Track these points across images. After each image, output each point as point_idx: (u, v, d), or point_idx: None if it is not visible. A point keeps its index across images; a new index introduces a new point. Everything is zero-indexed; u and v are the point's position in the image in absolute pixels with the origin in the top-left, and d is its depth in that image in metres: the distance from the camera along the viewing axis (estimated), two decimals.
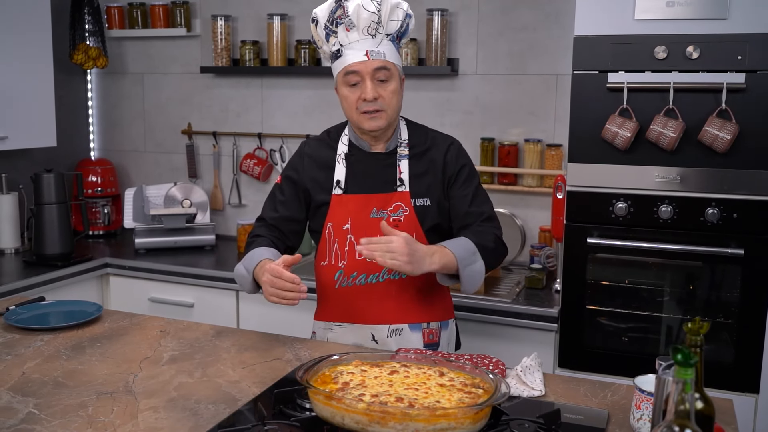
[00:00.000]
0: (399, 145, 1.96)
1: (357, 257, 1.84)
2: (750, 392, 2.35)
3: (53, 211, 3.12)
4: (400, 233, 1.72)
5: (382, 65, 1.84)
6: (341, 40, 1.87)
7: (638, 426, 1.38)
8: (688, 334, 1.10)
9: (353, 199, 1.92)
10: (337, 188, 1.94)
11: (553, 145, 2.99)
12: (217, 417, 1.44)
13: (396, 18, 1.87)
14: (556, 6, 2.98)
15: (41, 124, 3.22)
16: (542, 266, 2.82)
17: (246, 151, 3.58)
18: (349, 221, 1.91)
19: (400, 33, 1.90)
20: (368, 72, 1.84)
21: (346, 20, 1.84)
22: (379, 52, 1.84)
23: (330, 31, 1.88)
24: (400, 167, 1.93)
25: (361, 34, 1.84)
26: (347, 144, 1.98)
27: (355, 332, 1.94)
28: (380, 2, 1.84)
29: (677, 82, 2.29)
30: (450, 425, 1.25)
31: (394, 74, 1.87)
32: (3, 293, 2.67)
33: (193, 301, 3.05)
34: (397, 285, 1.91)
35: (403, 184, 1.92)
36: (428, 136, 2.00)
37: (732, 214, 2.31)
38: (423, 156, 1.95)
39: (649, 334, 2.47)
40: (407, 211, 1.90)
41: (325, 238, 1.95)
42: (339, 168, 1.95)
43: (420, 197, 1.92)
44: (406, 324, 1.92)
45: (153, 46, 3.74)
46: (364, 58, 1.83)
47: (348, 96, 1.88)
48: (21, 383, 1.60)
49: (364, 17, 1.83)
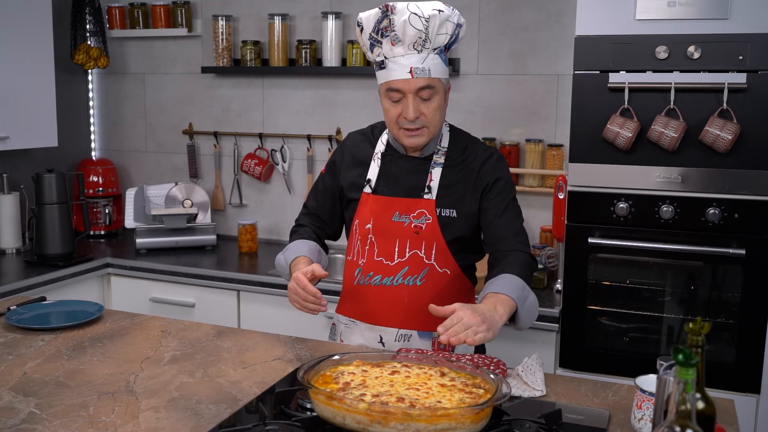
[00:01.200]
0: (436, 152, 1.90)
1: (436, 342, 1.75)
2: (751, 392, 2.34)
3: (54, 211, 3.12)
4: (450, 307, 1.57)
5: (427, 84, 1.77)
6: (386, 52, 1.79)
7: (639, 426, 1.38)
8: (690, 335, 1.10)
9: (378, 201, 1.91)
10: (367, 186, 1.93)
11: (554, 145, 2.98)
12: (218, 417, 1.44)
13: (445, 32, 1.79)
14: (557, 6, 2.98)
15: (42, 125, 3.22)
16: (543, 266, 2.81)
17: (247, 151, 3.58)
18: (371, 221, 1.90)
19: (449, 44, 1.83)
20: (411, 91, 1.76)
21: (392, 34, 1.76)
22: (425, 69, 1.76)
23: (375, 41, 1.80)
24: (431, 174, 1.88)
25: (406, 50, 1.76)
26: (385, 143, 1.95)
27: (365, 331, 1.93)
28: (428, 18, 1.75)
29: (678, 82, 2.29)
30: (451, 425, 1.25)
31: (438, 90, 1.80)
32: (4, 293, 2.67)
33: (194, 301, 3.05)
34: (410, 291, 1.88)
35: (430, 191, 1.87)
36: (468, 145, 1.93)
37: (733, 214, 2.31)
38: (458, 166, 1.89)
39: (650, 334, 2.47)
40: (430, 219, 1.86)
41: (353, 233, 1.96)
42: (373, 166, 1.94)
43: (446, 207, 1.86)
44: (416, 330, 1.90)
45: (154, 46, 3.74)
46: (407, 76, 1.75)
47: (389, 110, 1.82)
48: (22, 383, 1.60)
49: (411, 34, 1.74)
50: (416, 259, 1.86)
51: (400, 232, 1.86)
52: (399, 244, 1.86)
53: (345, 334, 1.97)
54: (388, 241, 1.86)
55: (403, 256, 1.87)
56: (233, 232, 3.63)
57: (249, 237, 3.33)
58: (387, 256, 1.87)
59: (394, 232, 1.85)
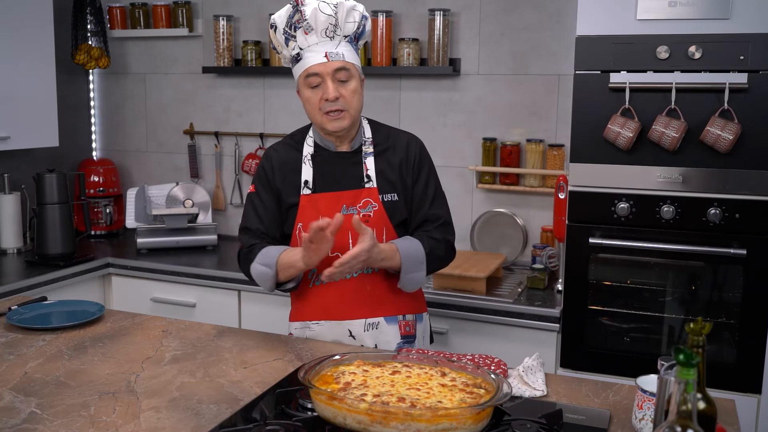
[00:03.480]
0: (363, 143, 1.99)
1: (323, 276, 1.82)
2: (752, 392, 2.34)
3: (55, 211, 3.12)
4: (368, 230, 1.76)
5: (342, 66, 1.88)
6: (300, 43, 1.90)
7: (640, 426, 1.38)
8: (690, 335, 1.10)
9: (323, 198, 1.95)
10: (305, 188, 1.96)
11: (555, 145, 2.98)
12: (219, 417, 1.44)
13: (353, 20, 1.91)
14: (558, 6, 2.98)
15: (43, 124, 3.22)
16: (544, 266, 2.81)
17: (248, 151, 3.58)
18: (320, 219, 1.90)
19: (358, 34, 1.94)
20: (328, 73, 1.87)
21: (304, 24, 1.87)
22: (338, 53, 1.88)
23: (289, 35, 1.91)
24: (366, 164, 1.96)
25: (319, 37, 1.88)
26: (312, 145, 2.01)
27: (332, 329, 1.95)
28: (336, 5, 1.88)
29: (679, 82, 2.29)
30: (452, 425, 1.25)
31: (353, 74, 1.91)
32: (5, 293, 2.67)
33: (195, 301, 3.05)
34: (370, 279, 1.94)
35: (370, 180, 1.96)
36: (390, 133, 2.04)
37: (734, 214, 2.31)
38: (386, 153, 1.99)
39: (651, 334, 2.47)
40: (376, 206, 1.94)
41: (296, 239, 1.96)
42: (306, 169, 1.98)
43: (387, 193, 1.96)
44: (382, 317, 1.95)
45: (155, 46, 3.74)
46: (323, 60, 1.87)
47: (310, 98, 1.91)
48: (23, 383, 1.60)
49: (322, 20, 1.86)
50: None
51: (351, 224, 1.86)
52: (352, 235, 1.89)
53: (312, 338, 1.97)
54: (341, 234, 1.87)
55: None
56: (234, 232, 3.63)
57: None
58: (342, 250, 1.87)
59: (345, 225, 1.85)
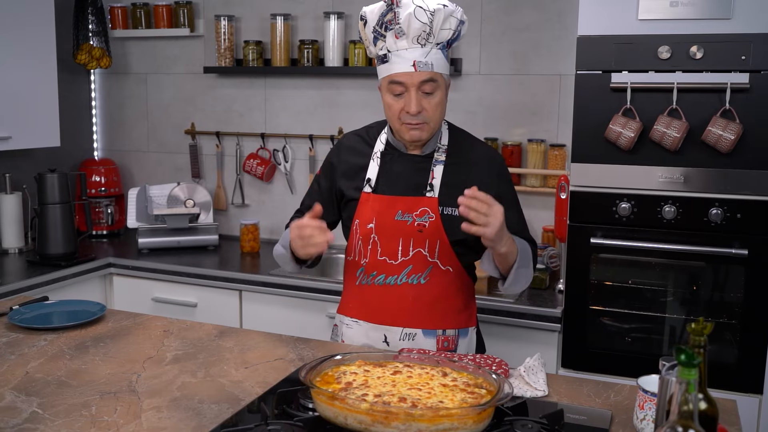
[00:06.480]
0: (437, 150, 1.90)
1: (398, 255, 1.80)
2: (754, 393, 2.34)
3: (57, 210, 3.13)
4: (488, 198, 1.64)
5: (430, 77, 1.78)
6: (389, 45, 1.79)
7: (641, 426, 1.38)
8: (692, 335, 1.10)
9: (380, 200, 1.89)
10: (367, 186, 1.92)
11: (556, 145, 2.98)
12: (220, 417, 1.44)
13: (448, 27, 1.80)
14: (559, 6, 2.98)
15: (45, 124, 3.23)
16: (545, 266, 2.81)
17: (249, 151, 3.58)
18: (373, 221, 1.88)
19: (452, 40, 1.84)
20: (414, 84, 1.77)
21: (396, 27, 1.77)
22: (427, 63, 1.77)
23: (379, 34, 1.81)
24: (433, 172, 1.87)
25: (410, 43, 1.77)
26: (384, 143, 1.94)
27: (369, 331, 1.92)
28: (433, 12, 1.77)
29: (681, 82, 2.29)
30: (453, 425, 1.25)
31: (440, 85, 1.81)
32: (7, 293, 2.68)
33: (196, 301, 3.05)
34: (414, 290, 1.88)
35: (432, 189, 1.86)
36: (471, 145, 1.94)
37: (736, 214, 2.31)
38: (461, 165, 1.89)
39: (652, 334, 2.47)
40: (433, 217, 1.84)
41: (353, 233, 1.94)
42: (372, 166, 1.93)
43: (449, 206, 1.84)
44: (420, 329, 1.89)
45: (156, 46, 3.74)
46: (410, 69, 1.76)
47: (392, 105, 1.82)
48: (24, 383, 1.60)
49: (415, 27, 1.76)
50: (420, 258, 1.86)
51: (403, 231, 1.86)
52: (402, 243, 1.86)
53: (347, 334, 1.97)
54: (392, 240, 1.86)
55: (407, 255, 1.86)
56: (235, 232, 3.64)
57: (251, 237, 3.34)
58: (390, 255, 1.87)
59: (397, 231, 1.84)
